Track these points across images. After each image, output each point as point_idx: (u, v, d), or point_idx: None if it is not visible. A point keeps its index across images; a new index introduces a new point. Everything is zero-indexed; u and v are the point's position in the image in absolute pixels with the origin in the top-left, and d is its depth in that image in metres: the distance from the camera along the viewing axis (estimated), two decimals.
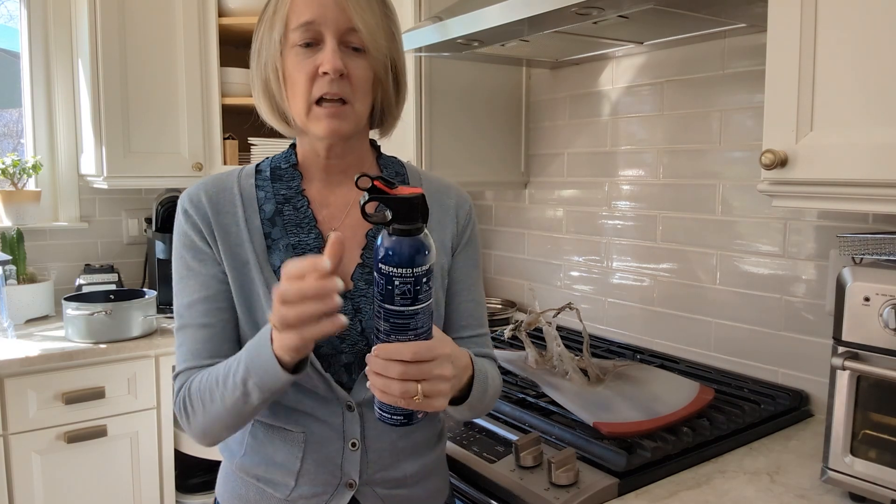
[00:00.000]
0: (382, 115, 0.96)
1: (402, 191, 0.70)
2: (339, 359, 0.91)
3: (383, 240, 0.70)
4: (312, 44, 0.87)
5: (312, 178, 0.97)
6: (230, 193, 0.95)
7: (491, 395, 0.95)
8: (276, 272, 0.91)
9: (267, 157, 1.00)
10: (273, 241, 0.93)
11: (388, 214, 0.69)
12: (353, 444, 0.92)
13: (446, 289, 1.01)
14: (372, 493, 0.94)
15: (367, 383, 0.76)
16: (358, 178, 0.69)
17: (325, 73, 0.85)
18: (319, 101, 0.87)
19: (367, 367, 0.75)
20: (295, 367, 0.79)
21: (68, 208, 2.45)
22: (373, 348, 0.74)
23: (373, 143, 1.03)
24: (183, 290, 0.93)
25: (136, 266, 2.57)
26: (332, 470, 0.92)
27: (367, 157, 1.01)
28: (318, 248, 0.93)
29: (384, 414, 0.78)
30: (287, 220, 0.94)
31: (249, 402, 0.82)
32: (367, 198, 0.69)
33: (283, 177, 0.96)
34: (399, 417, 0.77)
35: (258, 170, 0.98)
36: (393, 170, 1.02)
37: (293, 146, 0.99)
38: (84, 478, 1.94)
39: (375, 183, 0.69)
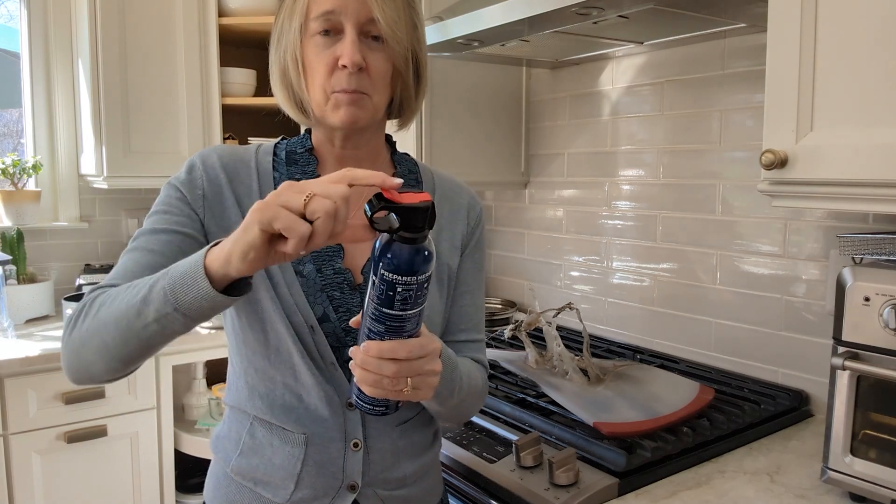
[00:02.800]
0: (401, 107, 0.95)
1: (410, 197, 0.66)
2: (342, 354, 0.89)
3: (387, 247, 0.67)
4: (331, 32, 0.86)
5: (326, 168, 0.95)
6: (247, 166, 0.93)
7: (466, 393, 0.91)
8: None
9: (284, 139, 0.98)
10: None
11: (395, 222, 0.65)
12: (356, 445, 0.91)
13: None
14: (373, 494, 0.92)
15: (354, 379, 0.74)
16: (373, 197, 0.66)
17: (343, 67, 0.84)
18: (337, 92, 0.86)
19: (351, 362, 0.73)
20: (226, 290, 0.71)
21: (68, 208, 2.45)
22: (362, 345, 0.72)
23: (388, 138, 1.02)
24: (151, 221, 0.87)
25: None
26: (333, 472, 0.90)
27: (382, 152, 0.99)
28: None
29: (364, 405, 0.77)
30: None
31: (144, 313, 0.72)
32: (374, 205, 0.65)
33: (299, 161, 0.95)
34: (381, 408, 0.78)
35: (275, 151, 0.96)
36: (406, 167, 1.01)
37: (308, 132, 0.97)
38: (84, 478, 1.94)
39: (383, 191, 0.65)
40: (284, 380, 0.90)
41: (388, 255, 0.67)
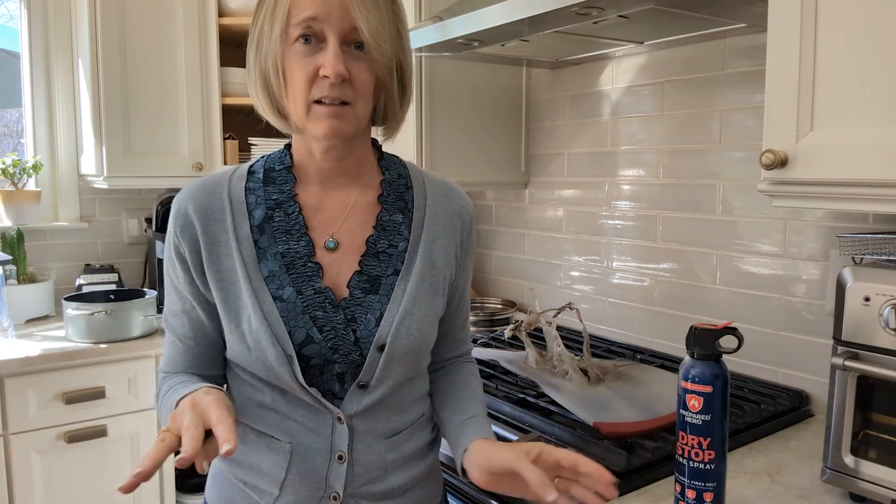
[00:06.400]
0: (385, 116, 0.93)
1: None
2: (330, 368, 0.89)
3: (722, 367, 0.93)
4: (313, 39, 0.83)
5: (309, 181, 0.93)
6: (220, 200, 0.91)
7: None
8: (266, 281, 0.88)
9: (262, 157, 0.96)
10: (261, 249, 0.89)
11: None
12: (340, 458, 0.89)
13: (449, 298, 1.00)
14: None
15: None
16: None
17: (325, 77, 0.82)
18: (319, 101, 0.84)
19: None
20: None
21: (68, 208, 2.45)
22: None
23: (374, 143, 0.99)
24: (168, 296, 0.96)
25: (136, 266, 2.57)
26: (316, 482, 0.90)
27: (369, 159, 0.97)
28: (308, 257, 0.90)
29: None
30: (277, 227, 0.90)
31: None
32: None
33: (276, 179, 0.93)
34: None
35: (251, 171, 0.94)
36: (395, 171, 0.98)
37: (288, 146, 0.95)
38: (84, 478, 1.94)
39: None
40: (273, 398, 0.90)
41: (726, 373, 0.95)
